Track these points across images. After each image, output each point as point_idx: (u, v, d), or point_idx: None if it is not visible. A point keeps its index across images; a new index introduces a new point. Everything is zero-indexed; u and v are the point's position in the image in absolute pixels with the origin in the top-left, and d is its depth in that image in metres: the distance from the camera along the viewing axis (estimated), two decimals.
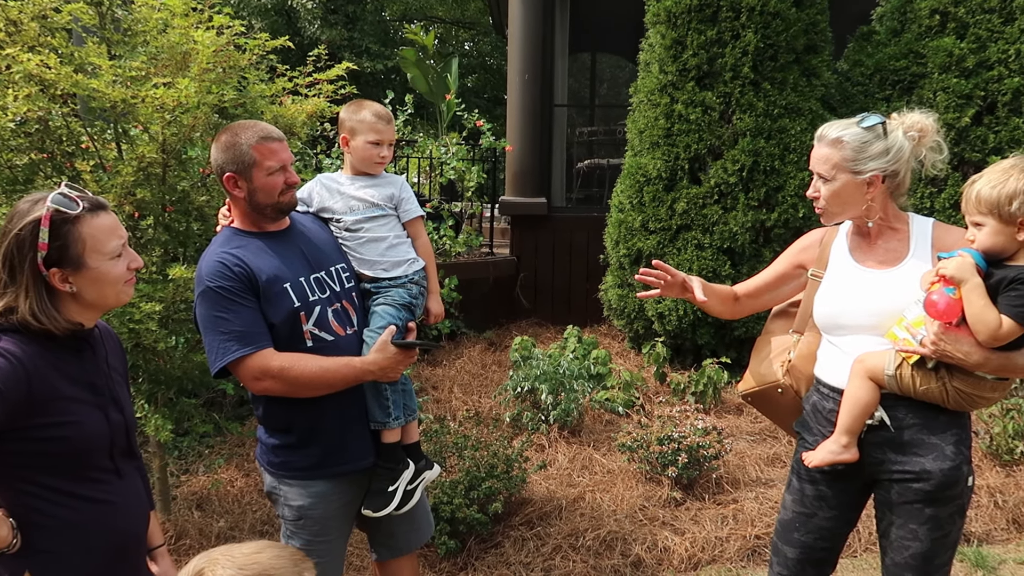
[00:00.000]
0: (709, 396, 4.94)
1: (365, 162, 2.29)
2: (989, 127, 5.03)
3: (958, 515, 1.98)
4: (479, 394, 5.33)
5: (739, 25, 5.17)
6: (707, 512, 3.72)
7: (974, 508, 3.70)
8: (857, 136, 1.99)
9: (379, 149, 2.27)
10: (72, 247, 1.56)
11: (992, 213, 1.80)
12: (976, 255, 1.82)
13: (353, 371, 2.06)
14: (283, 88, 3.54)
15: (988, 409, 4.23)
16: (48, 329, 1.55)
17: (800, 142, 5.16)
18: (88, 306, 1.63)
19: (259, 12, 13.42)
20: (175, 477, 4.14)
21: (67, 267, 1.57)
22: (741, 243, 5.22)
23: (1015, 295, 1.76)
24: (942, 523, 1.94)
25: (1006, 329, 1.76)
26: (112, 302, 1.68)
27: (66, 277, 1.57)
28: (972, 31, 5.04)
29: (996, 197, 1.79)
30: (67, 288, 1.58)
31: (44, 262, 1.54)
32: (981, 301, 1.77)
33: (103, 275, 1.61)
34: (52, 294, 1.58)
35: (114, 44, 3.30)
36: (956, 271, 1.79)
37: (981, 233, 1.83)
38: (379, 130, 2.26)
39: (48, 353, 1.56)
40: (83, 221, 1.58)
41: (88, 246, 1.58)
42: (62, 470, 1.58)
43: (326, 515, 2.16)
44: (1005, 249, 1.82)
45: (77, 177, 3.06)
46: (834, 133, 2.02)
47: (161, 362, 3.23)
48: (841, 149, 2.00)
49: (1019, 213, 1.77)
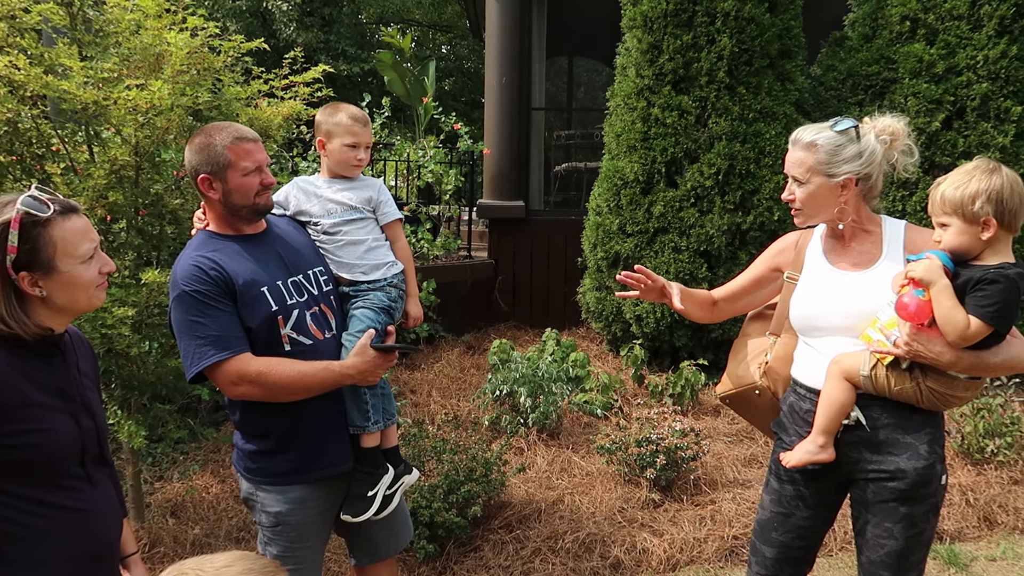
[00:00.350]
0: (687, 398, 4.97)
1: (342, 165, 2.27)
2: (959, 131, 5.12)
3: (932, 513, 2.00)
4: (457, 398, 5.31)
5: (714, 30, 5.22)
6: (685, 513, 3.74)
7: (946, 506, 3.75)
8: (831, 140, 2.02)
9: (356, 152, 2.26)
10: (42, 251, 1.53)
11: (956, 213, 1.83)
12: (943, 256, 1.85)
13: (332, 375, 2.04)
14: (259, 91, 3.51)
15: (959, 409, 4.29)
16: (17, 334, 1.52)
17: (775, 146, 5.22)
18: (58, 311, 1.60)
19: (234, 14, 13.29)
20: (149, 484, 4.08)
21: (37, 271, 1.54)
22: (717, 246, 5.26)
23: (981, 295, 1.79)
24: (916, 521, 1.97)
25: (974, 329, 1.79)
26: (83, 306, 1.65)
27: (36, 281, 1.54)
28: (941, 37, 5.13)
29: (960, 197, 1.83)
30: (37, 292, 1.55)
31: (13, 266, 1.51)
32: (949, 303, 1.80)
33: (74, 279, 1.59)
34: (21, 298, 1.55)
35: (85, 45, 3.25)
36: (924, 273, 1.82)
37: (947, 234, 1.86)
38: (355, 132, 2.24)
39: (16, 359, 1.53)
40: (54, 224, 1.55)
41: (59, 250, 1.55)
42: (33, 478, 1.55)
43: (304, 521, 2.13)
44: (971, 249, 1.85)
45: (48, 180, 3.01)
46: (808, 137, 2.05)
47: (134, 367, 3.18)
48: (815, 152, 2.03)
49: (982, 212, 1.81)
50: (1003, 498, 3.85)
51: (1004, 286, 1.78)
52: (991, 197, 1.80)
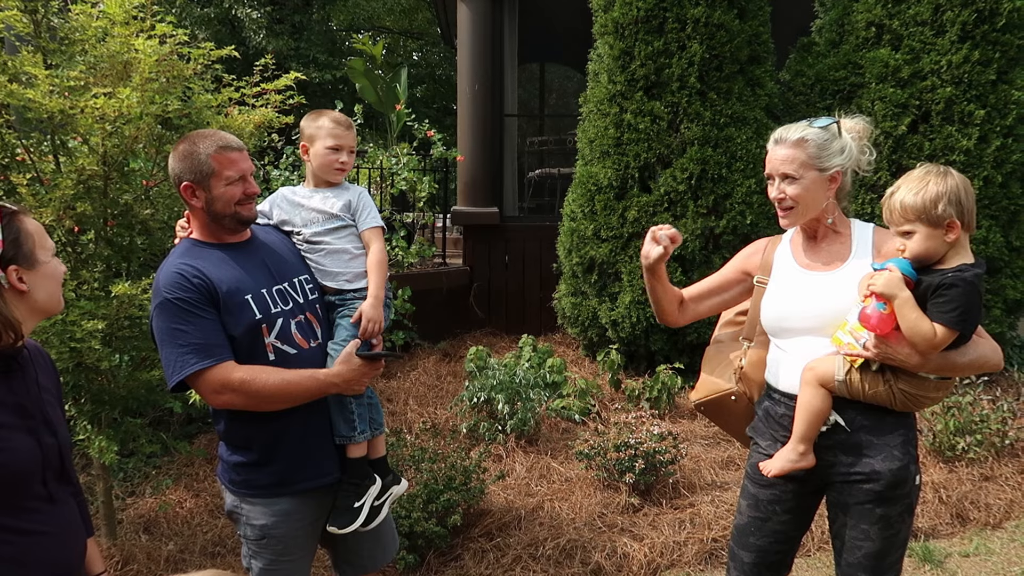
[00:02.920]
0: (663, 402, 5.00)
1: (324, 168, 2.25)
2: (924, 135, 5.22)
3: (907, 513, 2.03)
4: (435, 405, 5.28)
5: (685, 36, 5.26)
6: (665, 517, 3.75)
7: (920, 504, 3.81)
8: (818, 135, 2.05)
9: (339, 155, 2.24)
10: (25, 242, 1.55)
11: (920, 219, 1.85)
12: (904, 265, 1.86)
13: (316, 383, 2.02)
14: (229, 98, 3.46)
15: (930, 407, 4.36)
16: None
17: (746, 150, 5.28)
18: (37, 309, 1.59)
19: (202, 22, 13.13)
20: (120, 500, 3.99)
21: (23, 264, 1.54)
22: (691, 250, 5.30)
23: (943, 301, 1.82)
24: (892, 522, 1.99)
25: (940, 336, 1.82)
26: (56, 305, 1.66)
27: (21, 276, 1.54)
28: (906, 43, 5.23)
29: (921, 203, 1.84)
30: (24, 287, 1.54)
31: (1, 261, 1.51)
32: (913, 314, 1.82)
33: (52, 271, 1.61)
34: (1, 297, 1.53)
35: (50, 53, 3.18)
36: (884, 288, 1.84)
37: (912, 241, 1.88)
38: (338, 135, 2.23)
39: None
40: (24, 218, 1.58)
41: (36, 241, 1.57)
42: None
43: (290, 534, 2.10)
44: (936, 252, 1.88)
45: (13, 191, 2.94)
46: (796, 134, 2.06)
47: (104, 381, 3.12)
48: (806, 148, 2.04)
49: (946, 215, 1.83)
50: (974, 495, 3.92)
51: (963, 289, 1.81)
52: (951, 199, 1.83)
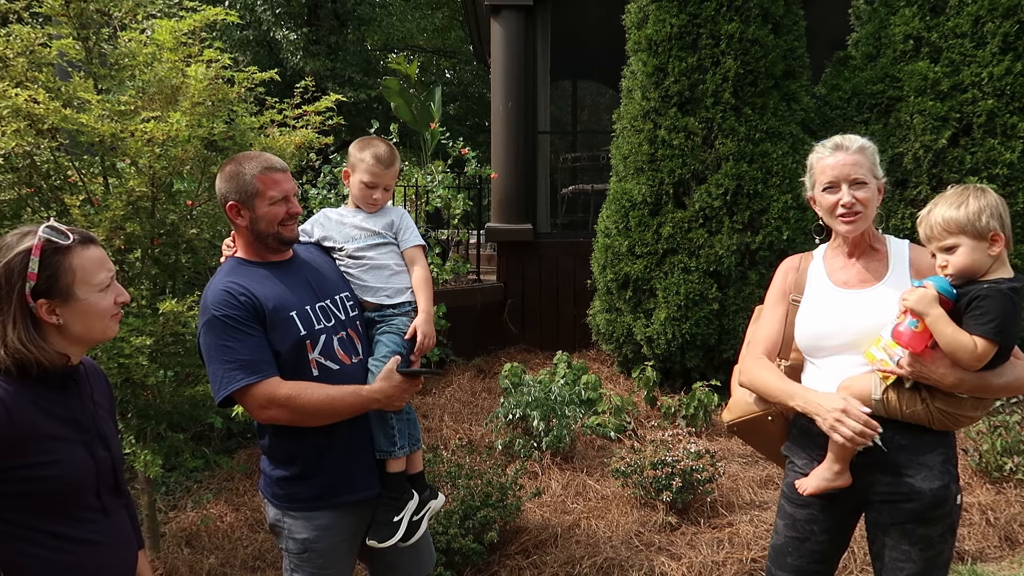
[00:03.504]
0: (700, 419, 4.95)
1: (359, 199, 2.34)
2: (965, 148, 5.13)
3: (949, 534, 1.99)
4: (470, 422, 5.30)
5: (719, 52, 5.26)
6: (703, 536, 3.71)
7: (967, 526, 3.72)
8: (872, 146, 2.08)
9: (372, 192, 2.30)
10: (61, 278, 1.55)
11: (964, 231, 1.84)
12: (942, 283, 1.84)
13: (359, 399, 2.06)
14: (271, 120, 3.55)
15: (976, 426, 4.26)
16: (37, 360, 1.53)
17: (782, 165, 5.24)
18: (74, 340, 1.61)
19: (242, 44, 13.46)
20: (163, 513, 4.07)
21: (55, 298, 1.56)
22: (727, 266, 5.26)
23: (979, 313, 1.80)
24: (934, 542, 1.95)
25: (982, 349, 1.79)
26: (98, 336, 1.66)
27: (53, 309, 1.56)
28: (945, 55, 5.16)
29: (965, 215, 1.84)
30: (54, 320, 1.56)
31: (32, 293, 1.53)
32: (948, 329, 1.80)
33: (91, 307, 1.60)
34: (38, 327, 1.55)
35: (100, 78, 3.30)
36: (916, 304, 1.83)
37: (956, 256, 1.86)
38: (375, 173, 2.28)
39: (30, 392, 1.54)
40: (73, 252, 1.57)
41: (77, 277, 1.57)
42: (48, 510, 1.55)
43: (331, 547, 2.13)
44: (981, 266, 1.86)
45: (65, 211, 3.04)
46: (858, 142, 2.07)
47: (150, 396, 3.19)
48: (867, 156, 2.06)
49: (990, 227, 1.82)
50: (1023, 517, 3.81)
51: (996, 300, 1.79)
52: (993, 212, 1.83)
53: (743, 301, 5.28)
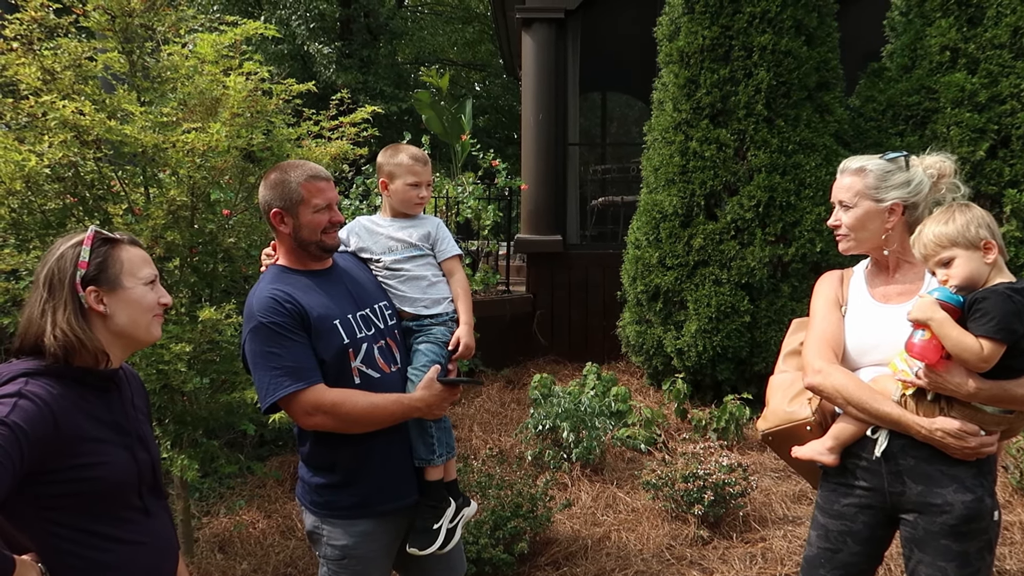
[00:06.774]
0: (731, 432, 4.90)
1: (405, 203, 2.34)
2: (1004, 160, 5.05)
3: (987, 551, 1.95)
4: (499, 432, 5.30)
5: (751, 64, 5.24)
6: (735, 551, 3.67)
7: (1008, 545, 3.63)
8: (879, 166, 2.09)
9: (418, 190, 2.32)
10: (111, 267, 1.65)
11: (957, 243, 1.88)
12: (945, 292, 1.86)
13: (401, 408, 2.09)
14: (308, 131, 3.61)
15: (1016, 442, 4.17)
16: (83, 346, 1.58)
17: (815, 177, 5.19)
18: (117, 333, 1.66)
19: (276, 58, 13.69)
20: (196, 519, 4.12)
21: (103, 286, 1.64)
22: (759, 278, 5.22)
23: (979, 315, 1.82)
24: (971, 559, 1.92)
25: (988, 350, 1.79)
26: (142, 333, 1.71)
27: (101, 298, 1.63)
28: (983, 67, 5.09)
29: (955, 228, 1.88)
30: (101, 309, 1.63)
31: (82, 281, 1.61)
32: (954, 332, 1.81)
33: (137, 298, 1.68)
34: (86, 317, 1.62)
35: (143, 91, 3.37)
36: (918, 313, 1.85)
37: (955, 267, 1.89)
38: (417, 172, 2.31)
39: (74, 395, 1.57)
40: (121, 247, 1.69)
41: (125, 268, 1.67)
42: (92, 511, 1.58)
43: (369, 555, 2.15)
44: (980, 275, 1.88)
45: (108, 220, 3.11)
46: (857, 163, 2.12)
47: (187, 402, 3.24)
48: (864, 177, 2.09)
49: (980, 235, 1.86)
50: None
51: (995, 299, 1.81)
52: (981, 223, 1.88)
53: (775, 314, 5.23)
